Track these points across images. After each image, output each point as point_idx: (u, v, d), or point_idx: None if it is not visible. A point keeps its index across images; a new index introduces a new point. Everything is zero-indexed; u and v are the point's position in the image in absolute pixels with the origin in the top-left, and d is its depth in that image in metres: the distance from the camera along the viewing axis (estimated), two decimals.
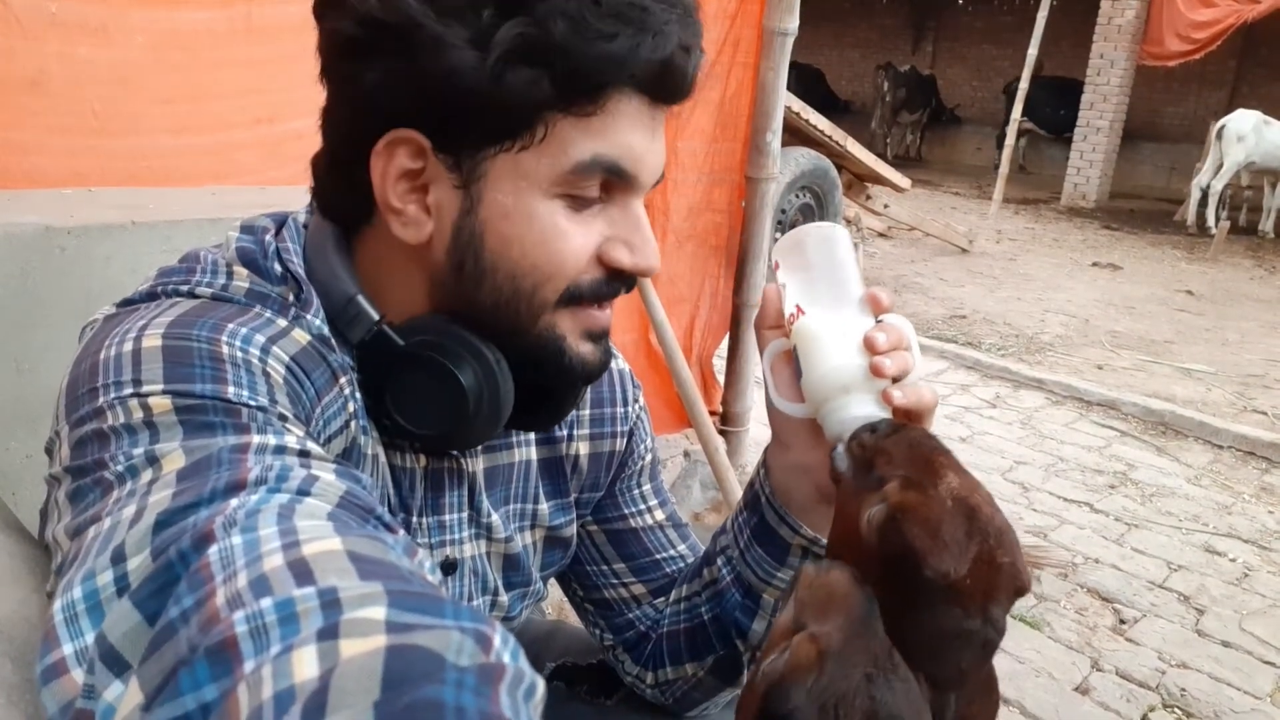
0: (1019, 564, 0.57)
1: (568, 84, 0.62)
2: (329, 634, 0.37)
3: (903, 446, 0.63)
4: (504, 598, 0.88)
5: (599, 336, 0.74)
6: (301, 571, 0.42)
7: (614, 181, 0.67)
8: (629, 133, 0.66)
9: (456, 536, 0.82)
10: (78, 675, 0.43)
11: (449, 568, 0.82)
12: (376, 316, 0.70)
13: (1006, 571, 0.57)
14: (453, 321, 0.70)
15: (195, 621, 0.41)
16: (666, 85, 0.66)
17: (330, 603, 0.39)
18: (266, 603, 0.40)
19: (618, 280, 0.71)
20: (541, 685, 0.39)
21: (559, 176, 0.65)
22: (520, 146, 0.64)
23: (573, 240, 0.67)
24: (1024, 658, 2.43)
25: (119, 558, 0.46)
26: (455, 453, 0.80)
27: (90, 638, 0.44)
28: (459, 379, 0.68)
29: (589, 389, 0.91)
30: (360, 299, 0.70)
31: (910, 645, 0.56)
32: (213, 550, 0.44)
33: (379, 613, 0.39)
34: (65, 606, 0.45)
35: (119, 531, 0.48)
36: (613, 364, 0.94)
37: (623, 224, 0.69)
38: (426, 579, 0.47)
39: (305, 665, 0.36)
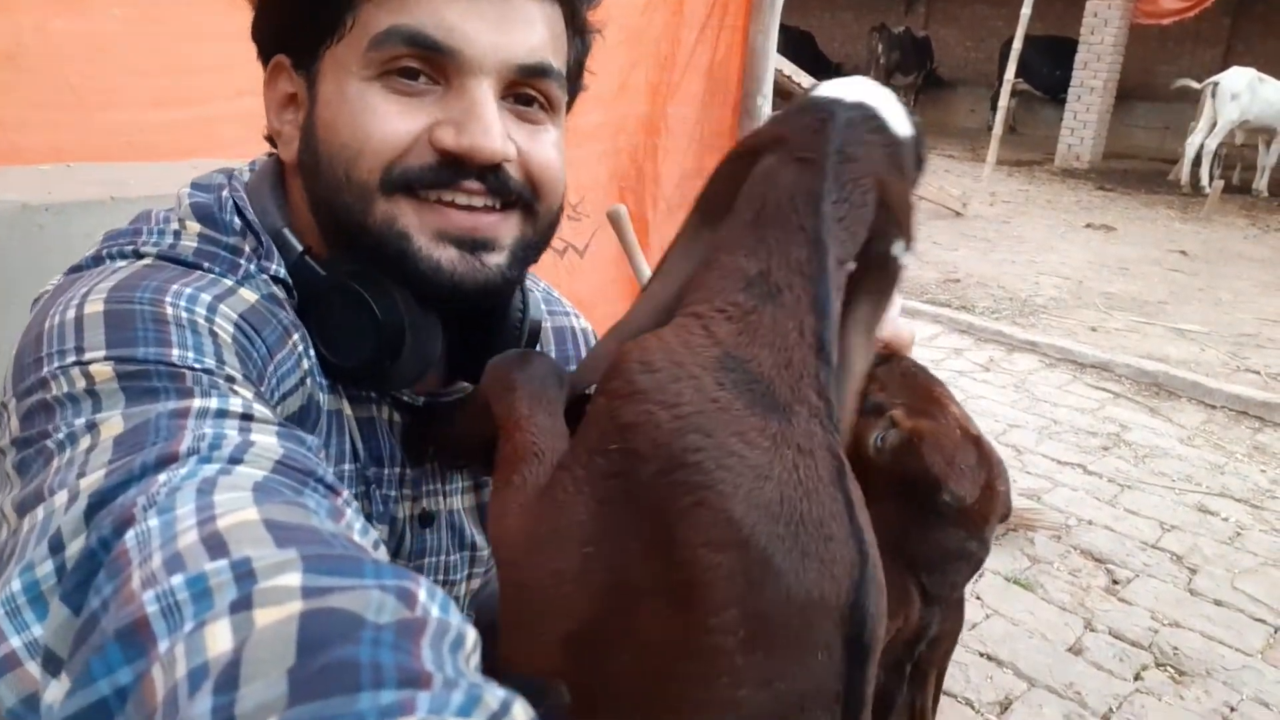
0: (1009, 492, 0.63)
1: None
2: (242, 605, 0.37)
3: (895, 375, 0.66)
4: (484, 551, 0.87)
5: (466, 243, 0.69)
6: (215, 544, 0.41)
7: (434, 57, 0.66)
8: (440, 4, 0.65)
9: (434, 487, 0.82)
10: (32, 668, 0.43)
11: (426, 519, 0.82)
12: (300, 248, 0.71)
13: (1001, 499, 0.62)
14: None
15: (113, 607, 0.41)
16: None
17: (244, 574, 0.39)
18: (178, 579, 0.39)
19: (455, 166, 0.67)
20: (473, 634, 0.38)
21: (363, 55, 0.66)
22: (338, 39, 0.67)
23: (383, 116, 0.66)
24: (1018, 619, 2.45)
25: (57, 546, 0.46)
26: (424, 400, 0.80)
27: (38, 630, 0.43)
28: (371, 305, 0.68)
29: (552, 345, 0.91)
30: (286, 231, 0.72)
31: (918, 560, 0.60)
32: (130, 534, 0.44)
33: (294, 579, 0.38)
34: (6, 600, 0.44)
35: (54, 519, 0.47)
36: (574, 322, 0.95)
37: (456, 106, 0.67)
38: (352, 540, 0.46)
39: (219, 639, 0.35)
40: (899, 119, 0.60)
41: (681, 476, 0.48)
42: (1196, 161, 9.63)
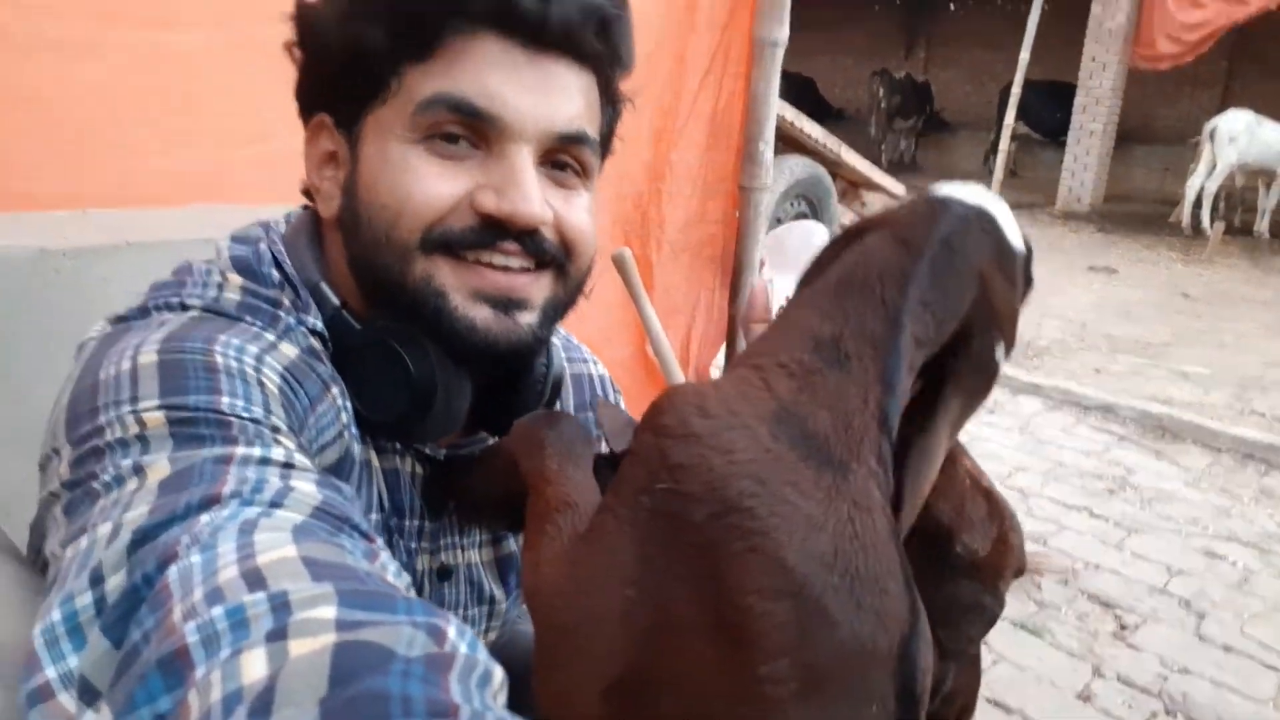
0: (1023, 546, 0.62)
1: (406, 30, 0.67)
2: (278, 635, 0.38)
3: None
4: (503, 605, 0.88)
5: (500, 303, 0.71)
6: (254, 579, 0.42)
7: (476, 124, 0.68)
8: (484, 72, 0.67)
9: (452, 541, 0.83)
10: (65, 700, 0.43)
11: (444, 574, 0.83)
12: (337, 302, 0.73)
13: (1015, 552, 0.62)
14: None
15: (154, 639, 0.42)
16: (517, 21, 0.67)
17: (280, 605, 0.40)
18: (218, 610, 0.40)
19: (495, 228, 0.69)
20: (500, 673, 0.39)
21: (408, 119, 0.68)
22: (381, 101, 0.69)
23: (425, 178, 0.68)
24: (1025, 665, 2.43)
25: (97, 579, 0.47)
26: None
27: (74, 661, 0.44)
28: (406, 361, 0.69)
29: (570, 393, 0.92)
30: (323, 285, 0.74)
31: (931, 614, 0.58)
32: (173, 570, 0.45)
33: (329, 612, 0.39)
34: (45, 630, 0.45)
35: (96, 551, 0.48)
36: (592, 369, 0.97)
37: (497, 171, 0.69)
38: (386, 580, 0.48)
39: (253, 667, 0.36)
40: (1014, 230, 0.61)
41: (734, 521, 0.47)
42: (1197, 204, 9.68)
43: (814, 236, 0.72)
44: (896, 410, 0.53)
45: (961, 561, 0.59)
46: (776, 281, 0.82)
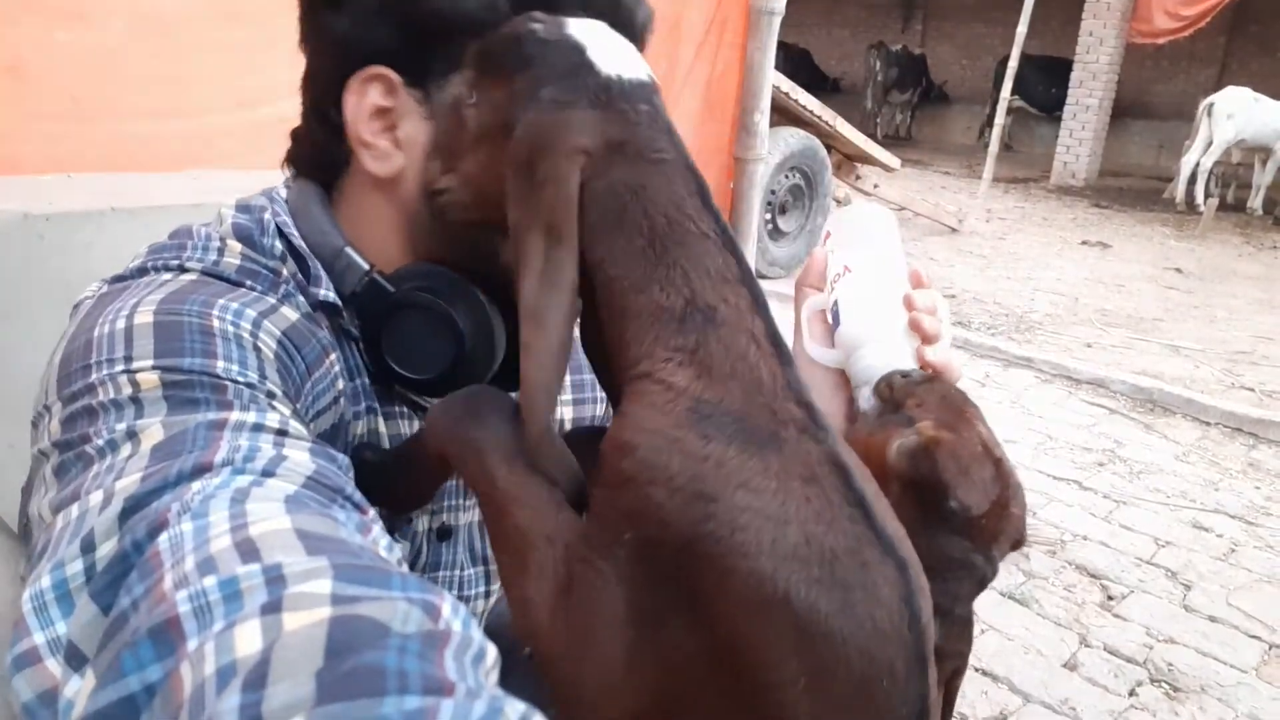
0: (1024, 518, 0.63)
1: (522, 6, 0.65)
2: (272, 608, 0.38)
3: (934, 395, 0.67)
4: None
5: None
6: (247, 550, 0.42)
7: None
8: None
9: (453, 502, 0.83)
10: (52, 665, 0.43)
11: (444, 534, 0.83)
12: (366, 266, 0.71)
13: (1014, 521, 0.62)
14: (438, 265, 0.72)
15: (144, 607, 0.41)
16: (617, 19, 0.67)
17: (275, 579, 0.40)
18: (210, 581, 0.40)
19: None
20: (493, 651, 0.39)
21: None
22: None
23: None
24: (1012, 634, 2.45)
25: (89, 547, 0.46)
26: None
27: (62, 628, 0.44)
28: (453, 316, 0.69)
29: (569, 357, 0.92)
30: (349, 250, 0.72)
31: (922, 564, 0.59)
32: (163, 538, 0.44)
33: (324, 586, 0.39)
34: (34, 595, 0.45)
35: (88, 519, 0.47)
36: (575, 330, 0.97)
37: None
38: (378, 554, 0.47)
39: (248, 639, 0.36)
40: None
41: (701, 550, 0.47)
42: (1192, 180, 9.68)
43: (887, 220, 0.74)
44: (775, 326, 0.53)
45: (955, 517, 0.60)
46: (840, 251, 0.81)
